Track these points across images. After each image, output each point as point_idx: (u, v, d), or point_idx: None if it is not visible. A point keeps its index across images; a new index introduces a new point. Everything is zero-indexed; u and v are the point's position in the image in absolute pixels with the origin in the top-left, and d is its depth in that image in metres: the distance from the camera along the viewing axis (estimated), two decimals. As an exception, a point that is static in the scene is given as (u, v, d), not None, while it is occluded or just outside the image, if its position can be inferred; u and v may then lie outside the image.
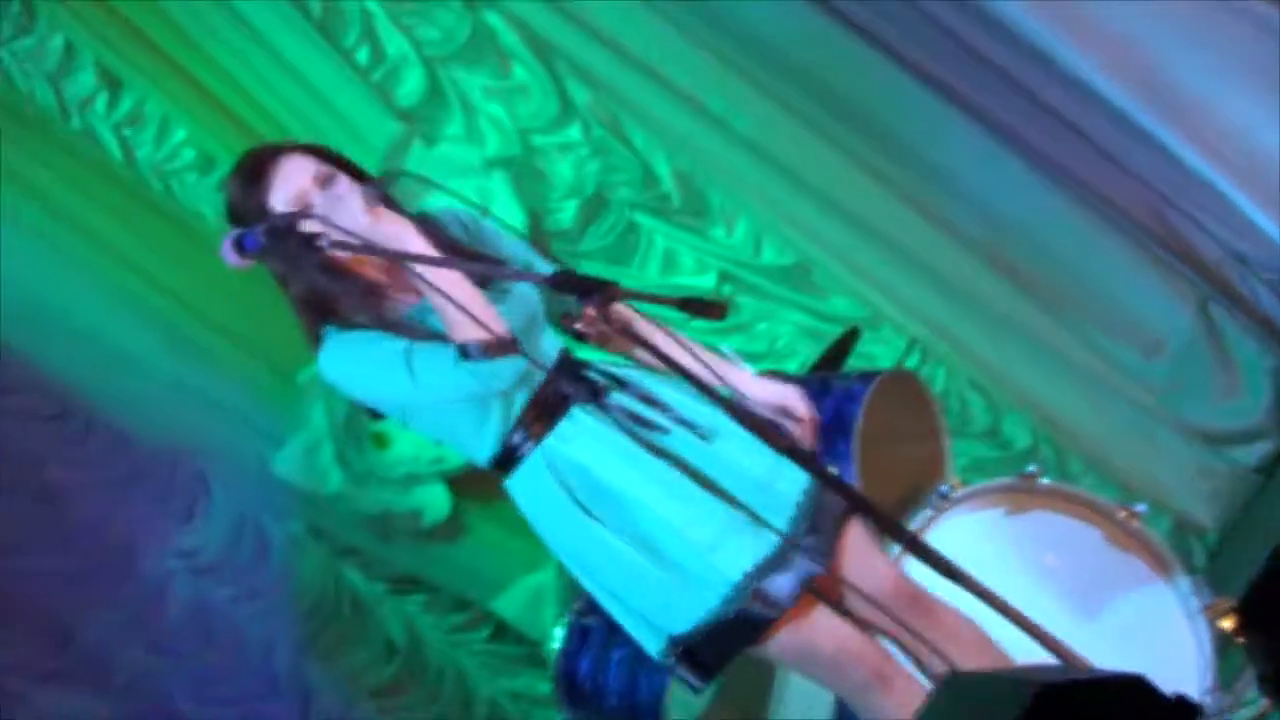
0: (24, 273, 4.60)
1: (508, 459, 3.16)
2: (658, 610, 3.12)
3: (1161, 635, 4.00)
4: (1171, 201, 5.20)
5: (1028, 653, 2.73)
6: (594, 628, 4.33)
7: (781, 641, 3.13)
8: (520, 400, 3.12)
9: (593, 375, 3.18)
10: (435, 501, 5.06)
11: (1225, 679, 3.96)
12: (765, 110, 5.19)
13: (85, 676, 4.75)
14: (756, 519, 3.05)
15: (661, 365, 2.98)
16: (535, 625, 5.15)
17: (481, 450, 3.16)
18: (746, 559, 3.08)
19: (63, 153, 4.75)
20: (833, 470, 3.84)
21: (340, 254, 3.01)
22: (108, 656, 4.78)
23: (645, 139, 5.25)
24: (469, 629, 5.32)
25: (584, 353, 3.30)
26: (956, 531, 4.03)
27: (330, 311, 3.06)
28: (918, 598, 3.31)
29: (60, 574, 4.70)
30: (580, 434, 3.12)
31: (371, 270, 3.12)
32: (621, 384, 3.17)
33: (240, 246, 2.98)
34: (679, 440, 3.14)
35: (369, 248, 3.01)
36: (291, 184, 3.06)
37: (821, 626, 3.16)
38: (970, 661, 3.17)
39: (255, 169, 3.09)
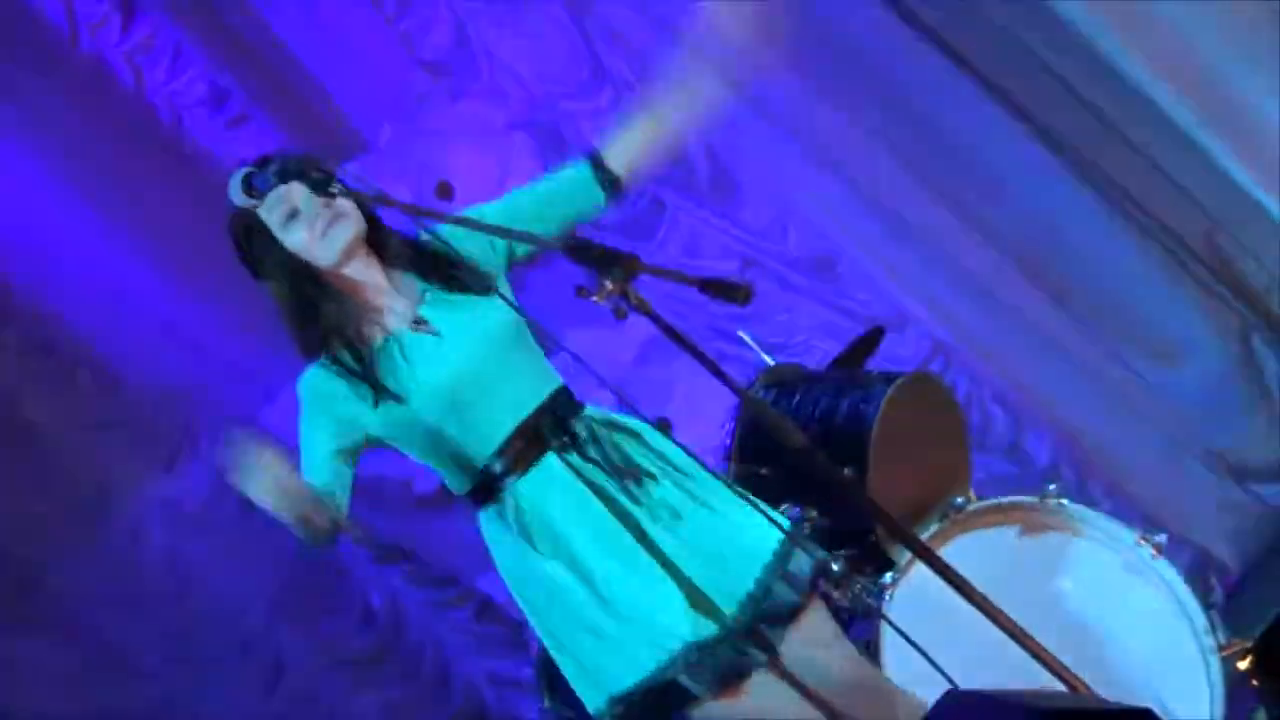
0: (15, 198, 4.51)
1: (484, 489, 3.15)
2: (600, 666, 3.11)
3: (1173, 671, 3.95)
4: (1222, 224, 5.12)
5: (1034, 678, 2.69)
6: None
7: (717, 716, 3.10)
8: (505, 430, 3.09)
9: (577, 428, 3.13)
10: (428, 470, 4.94)
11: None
12: (805, 93, 5.11)
13: (48, 624, 4.67)
14: (705, 600, 3.05)
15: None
16: (522, 607, 5.03)
17: (459, 480, 3.19)
18: (686, 632, 3.05)
19: (69, 76, 4.64)
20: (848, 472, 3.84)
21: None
22: (73, 604, 4.71)
23: (677, 111, 5.15)
24: (453, 605, 5.25)
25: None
26: (968, 547, 3.99)
27: (310, 325, 3.09)
28: (878, 689, 3.26)
29: (29, 515, 4.62)
30: (552, 480, 3.09)
31: (358, 293, 3.10)
32: (597, 443, 3.13)
33: (249, 186, 2.98)
34: (643, 511, 3.10)
35: (380, 198, 3.00)
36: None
37: (767, 708, 3.11)
38: None
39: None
